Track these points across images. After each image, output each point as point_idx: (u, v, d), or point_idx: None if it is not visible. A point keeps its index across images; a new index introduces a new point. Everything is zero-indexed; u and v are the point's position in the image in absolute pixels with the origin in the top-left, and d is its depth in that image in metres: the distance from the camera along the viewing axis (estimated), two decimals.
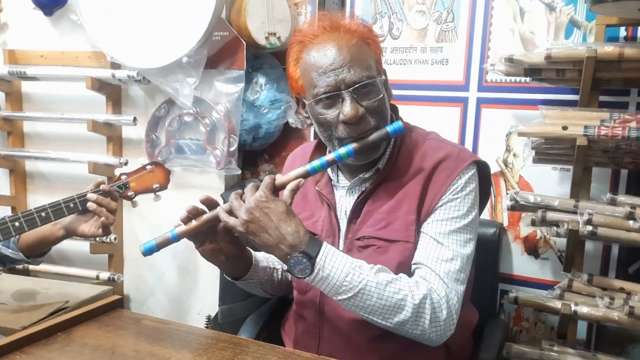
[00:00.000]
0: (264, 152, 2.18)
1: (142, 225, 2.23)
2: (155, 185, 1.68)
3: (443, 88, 1.89)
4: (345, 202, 1.27)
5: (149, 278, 2.28)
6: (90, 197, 1.47)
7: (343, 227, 1.26)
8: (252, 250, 1.32)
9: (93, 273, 2.18)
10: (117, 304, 1.30)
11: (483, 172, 1.27)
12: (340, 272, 1.07)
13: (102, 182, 1.53)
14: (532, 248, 1.83)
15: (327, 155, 1.17)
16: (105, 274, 2.17)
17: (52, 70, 2.12)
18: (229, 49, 1.94)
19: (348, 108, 1.12)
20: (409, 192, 1.20)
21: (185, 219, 1.15)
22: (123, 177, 1.63)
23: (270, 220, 1.08)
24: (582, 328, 1.72)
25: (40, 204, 1.45)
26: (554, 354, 1.58)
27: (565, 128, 1.49)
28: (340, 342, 1.23)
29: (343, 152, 1.15)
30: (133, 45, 1.95)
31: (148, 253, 1.16)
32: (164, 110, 2.08)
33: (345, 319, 1.21)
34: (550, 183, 1.77)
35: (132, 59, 1.96)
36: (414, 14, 1.91)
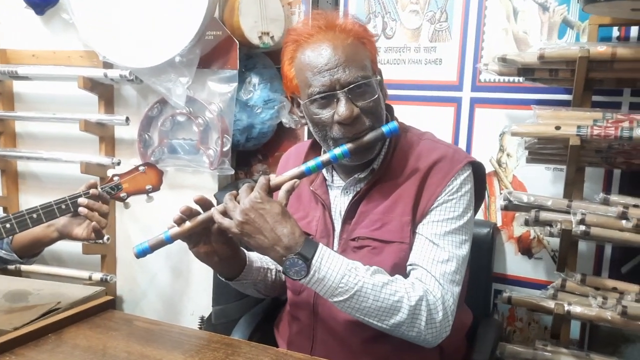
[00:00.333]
0: (258, 152, 2.17)
1: (134, 226, 2.22)
2: (148, 187, 1.67)
3: (437, 88, 1.89)
4: (340, 202, 1.27)
5: (142, 279, 2.26)
6: (81, 202, 1.44)
7: (337, 227, 1.26)
8: (245, 251, 1.31)
9: (85, 274, 2.16)
10: (108, 305, 1.30)
11: (478, 172, 1.27)
12: (337, 274, 1.07)
13: (94, 183, 1.50)
14: (525, 248, 1.83)
15: (322, 156, 1.17)
16: (98, 275, 2.16)
17: (44, 70, 2.11)
18: (222, 49, 1.94)
19: (343, 108, 1.12)
20: (404, 192, 1.19)
21: (179, 220, 1.14)
22: (115, 178, 1.61)
23: (266, 222, 1.07)
24: (575, 328, 1.72)
25: (33, 204, 1.44)
26: (548, 354, 1.58)
27: (558, 128, 1.49)
28: (334, 343, 1.22)
29: (338, 152, 1.14)
30: (125, 45, 1.94)
31: (141, 255, 1.15)
32: (157, 110, 2.07)
33: (339, 320, 1.20)
34: (544, 183, 1.77)
35: (124, 59, 1.95)
36: (408, 14, 1.91)
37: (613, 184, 1.70)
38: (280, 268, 1.37)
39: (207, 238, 1.18)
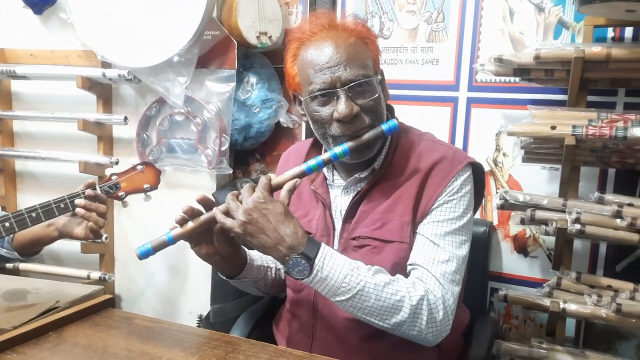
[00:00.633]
0: (255, 151, 2.18)
1: (132, 225, 2.22)
2: (146, 186, 1.67)
3: (433, 88, 1.90)
4: (341, 201, 1.27)
5: (140, 278, 2.27)
6: (78, 202, 1.44)
7: (338, 226, 1.26)
8: (246, 249, 1.31)
9: (84, 273, 2.16)
10: (108, 304, 1.31)
11: (477, 173, 1.28)
12: (339, 273, 1.07)
13: (93, 183, 1.51)
14: (521, 246, 1.85)
15: (323, 155, 1.17)
16: (97, 274, 2.16)
17: (42, 69, 2.11)
18: (220, 48, 1.94)
19: (342, 106, 1.13)
20: (405, 192, 1.20)
21: (181, 221, 1.14)
22: (114, 177, 1.62)
23: (269, 222, 1.07)
24: (570, 325, 1.74)
25: (30, 204, 1.44)
26: (543, 351, 1.59)
27: (554, 128, 1.50)
28: (333, 340, 1.23)
29: (339, 151, 1.15)
30: (124, 44, 1.95)
31: (144, 256, 1.15)
32: (155, 110, 2.08)
33: (339, 318, 1.21)
34: (539, 182, 1.78)
35: (122, 58, 1.96)
36: (405, 14, 1.92)
37: (608, 183, 1.72)
38: (281, 267, 1.39)
39: (208, 238, 1.18)
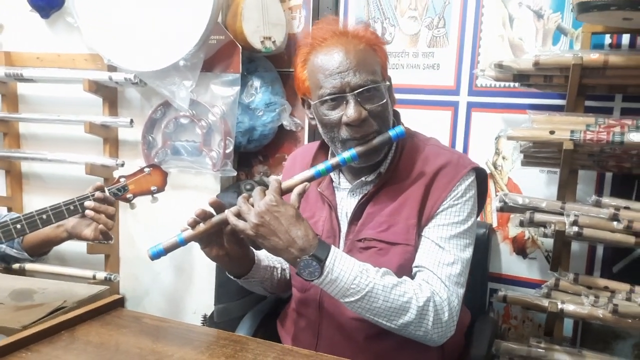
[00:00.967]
0: (258, 153, 2.21)
1: (138, 226, 2.24)
2: (153, 188, 1.70)
3: (434, 92, 1.93)
4: (347, 203, 1.30)
5: (145, 278, 2.29)
6: (88, 205, 1.47)
7: (344, 228, 1.29)
8: (254, 250, 1.34)
9: (89, 273, 2.19)
10: (118, 303, 1.33)
11: (480, 178, 1.31)
12: (349, 275, 1.10)
13: (101, 186, 1.53)
14: (520, 248, 1.87)
15: (331, 159, 1.20)
16: (102, 274, 2.18)
17: (49, 73, 2.14)
18: (225, 53, 1.97)
19: (352, 110, 1.16)
20: (411, 196, 1.23)
21: (193, 223, 1.17)
22: (122, 179, 1.64)
23: (281, 224, 1.09)
24: (568, 325, 1.77)
25: (36, 205, 1.46)
26: (541, 351, 1.62)
27: (553, 132, 1.52)
28: (339, 339, 1.25)
29: (347, 156, 1.18)
30: (130, 48, 1.97)
31: (156, 257, 1.17)
32: (160, 113, 2.11)
33: (345, 318, 1.24)
34: (538, 185, 1.81)
35: (129, 62, 1.98)
36: (406, 20, 1.95)
37: (605, 187, 1.75)
38: (286, 267, 1.41)
39: (218, 239, 1.21)
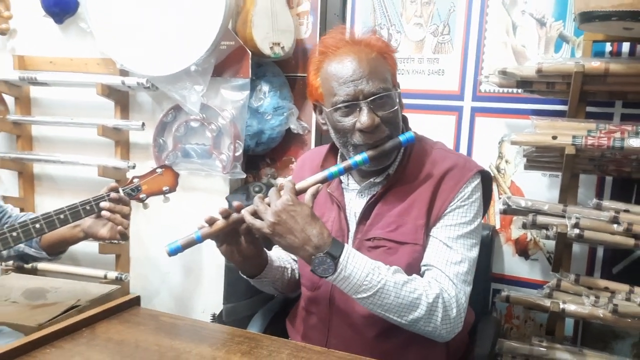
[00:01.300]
0: (266, 156, 2.25)
1: (148, 227, 2.27)
2: (165, 188, 1.74)
3: (439, 97, 1.97)
4: (355, 204, 1.34)
5: (154, 277, 2.33)
6: (103, 205, 1.51)
7: (352, 227, 1.32)
8: (267, 251, 1.38)
9: (101, 272, 2.23)
10: (135, 302, 1.37)
11: (485, 180, 1.35)
12: (361, 272, 1.14)
13: (115, 187, 1.57)
14: (522, 250, 1.91)
15: (343, 162, 1.24)
16: (113, 274, 2.22)
17: (62, 77, 2.18)
18: (235, 58, 2.02)
19: (365, 117, 1.20)
20: (419, 197, 1.26)
21: (210, 220, 1.20)
22: (135, 180, 1.68)
23: (297, 223, 1.13)
24: (569, 325, 1.81)
25: (47, 206, 1.49)
26: (543, 349, 1.65)
27: (555, 138, 1.56)
28: (349, 336, 1.29)
29: (359, 159, 1.22)
30: (142, 53, 2.02)
31: (173, 253, 1.20)
32: (171, 116, 2.15)
33: (355, 315, 1.27)
34: (540, 188, 1.85)
35: (141, 67, 2.03)
36: (412, 27, 1.99)
37: (605, 190, 1.78)
38: (296, 267, 1.46)
39: (234, 238, 1.25)
